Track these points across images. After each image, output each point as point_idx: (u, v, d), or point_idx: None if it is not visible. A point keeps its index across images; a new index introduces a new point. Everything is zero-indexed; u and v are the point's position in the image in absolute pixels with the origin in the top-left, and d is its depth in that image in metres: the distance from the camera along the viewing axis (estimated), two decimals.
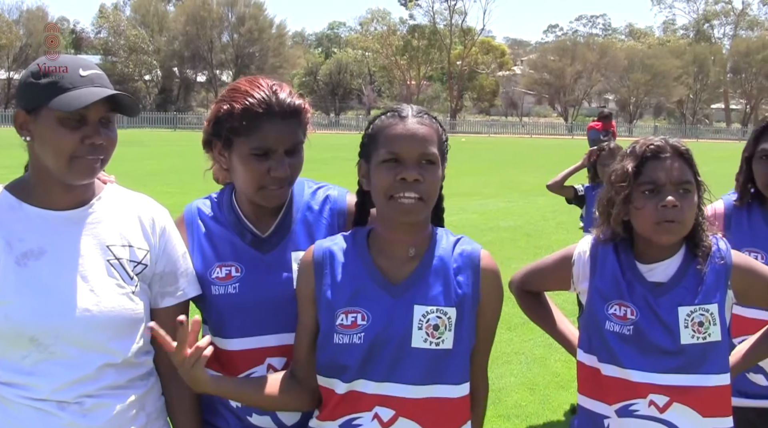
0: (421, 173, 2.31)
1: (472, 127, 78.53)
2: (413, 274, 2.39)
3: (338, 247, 2.46)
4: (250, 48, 78.73)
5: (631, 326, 2.63)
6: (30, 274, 2.29)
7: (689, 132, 75.36)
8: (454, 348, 2.35)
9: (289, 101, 2.51)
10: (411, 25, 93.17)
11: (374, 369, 2.32)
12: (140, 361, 2.45)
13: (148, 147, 37.99)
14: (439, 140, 2.40)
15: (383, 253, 2.43)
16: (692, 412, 2.60)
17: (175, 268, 2.53)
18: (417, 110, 2.41)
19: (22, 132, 2.34)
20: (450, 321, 2.35)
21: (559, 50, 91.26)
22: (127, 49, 76.09)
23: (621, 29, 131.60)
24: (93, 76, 2.32)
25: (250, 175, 2.51)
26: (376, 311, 2.35)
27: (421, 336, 2.32)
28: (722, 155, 43.09)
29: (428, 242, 2.44)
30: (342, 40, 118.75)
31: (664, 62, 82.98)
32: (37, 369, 2.28)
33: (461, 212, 17.92)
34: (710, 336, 2.60)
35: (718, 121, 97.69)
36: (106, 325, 2.33)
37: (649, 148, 2.65)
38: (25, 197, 2.38)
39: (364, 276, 2.40)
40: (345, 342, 2.34)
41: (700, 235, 2.68)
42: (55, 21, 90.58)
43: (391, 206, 2.33)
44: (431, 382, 2.33)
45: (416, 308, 2.34)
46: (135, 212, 2.50)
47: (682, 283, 2.65)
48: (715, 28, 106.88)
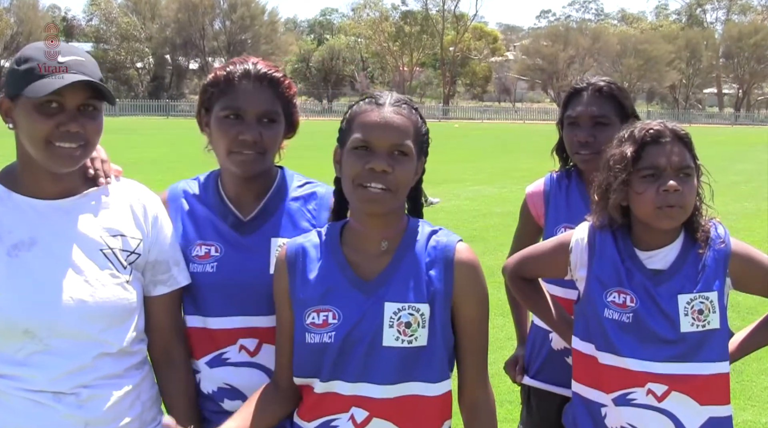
0: (391, 163, 2.24)
1: (465, 113, 78.50)
2: (385, 270, 2.32)
3: (311, 243, 2.41)
4: (242, 35, 78.50)
5: (630, 313, 2.61)
6: (21, 266, 2.27)
7: (682, 117, 75.28)
8: (429, 346, 2.28)
9: (266, 71, 2.59)
10: (403, 11, 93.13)
11: (347, 369, 2.26)
12: (135, 350, 2.44)
13: (140, 135, 37.87)
14: (416, 131, 2.33)
15: (356, 247, 2.37)
16: (690, 400, 2.59)
17: (167, 256, 2.52)
18: (396, 99, 2.34)
19: (6, 119, 2.33)
20: (423, 317, 2.27)
21: (551, 36, 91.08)
22: (118, 37, 75.87)
23: (613, 14, 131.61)
24: (71, 62, 2.27)
25: (222, 138, 2.56)
26: (347, 310, 2.29)
27: (393, 334, 2.26)
28: (715, 139, 43.17)
29: (402, 235, 2.37)
30: (334, 27, 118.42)
31: (656, 47, 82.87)
32: (31, 361, 2.26)
33: (455, 198, 17.91)
34: (709, 324, 2.59)
35: (710, 106, 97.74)
36: (100, 316, 2.32)
37: (648, 132, 2.61)
38: (14, 186, 2.35)
39: (336, 273, 2.34)
40: (316, 342, 2.29)
41: (698, 220, 2.66)
42: (46, 9, 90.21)
43: (357, 195, 2.27)
44: (405, 380, 2.26)
45: (387, 305, 2.27)
46: (127, 201, 2.48)
47: (682, 271, 2.63)
48: (707, 13, 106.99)
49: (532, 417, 3.48)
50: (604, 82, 3.30)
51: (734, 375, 6.75)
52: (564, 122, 3.30)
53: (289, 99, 2.65)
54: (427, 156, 2.42)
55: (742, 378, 6.79)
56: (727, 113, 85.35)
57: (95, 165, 2.48)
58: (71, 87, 2.22)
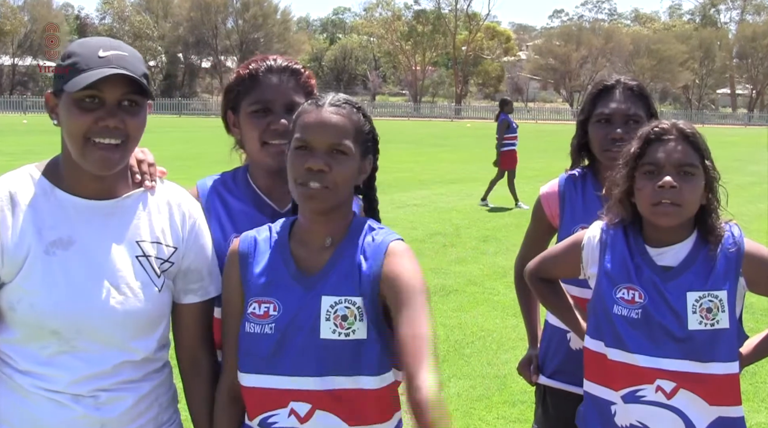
0: (329, 162, 2.27)
1: (477, 112, 78.37)
2: (326, 265, 2.34)
3: (262, 237, 2.44)
4: (255, 34, 78.77)
5: (639, 309, 2.61)
6: (57, 264, 2.24)
7: (695, 117, 75.05)
8: (369, 338, 2.27)
9: (286, 63, 2.70)
10: (416, 10, 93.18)
11: (284, 362, 2.27)
12: (157, 356, 2.43)
13: (153, 133, 37.81)
14: (357, 131, 2.34)
15: (302, 242, 2.39)
16: (699, 400, 2.59)
17: (201, 266, 2.49)
18: (337, 99, 2.36)
19: (52, 115, 2.31)
20: (360, 310, 2.27)
21: (564, 35, 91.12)
22: (131, 35, 76.08)
23: (627, 14, 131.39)
24: (112, 56, 2.23)
25: (253, 132, 2.64)
26: (287, 303, 2.31)
27: (330, 326, 2.27)
28: (728, 140, 43.01)
29: (346, 231, 2.39)
30: (347, 26, 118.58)
31: (669, 47, 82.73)
32: (55, 361, 2.25)
33: (467, 197, 17.90)
34: (718, 323, 2.58)
35: (723, 106, 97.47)
36: (129, 324, 2.30)
37: (653, 130, 2.64)
38: (58, 182, 2.32)
39: (280, 266, 2.37)
40: (257, 332, 2.31)
41: (713, 221, 2.64)
42: (60, 7, 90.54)
43: (298, 193, 2.30)
44: (345, 373, 2.26)
45: (324, 299, 2.29)
46: (167, 206, 2.45)
47: (692, 268, 2.62)
48: (721, 13, 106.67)
49: (548, 417, 3.46)
50: (634, 80, 3.31)
51: (747, 377, 6.74)
52: (593, 119, 3.28)
53: (310, 90, 2.72)
54: (377, 154, 2.45)
55: (756, 380, 6.76)
56: (741, 113, 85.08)
57: (142, 168, 2.45)
58: (111, 82, 2.19)
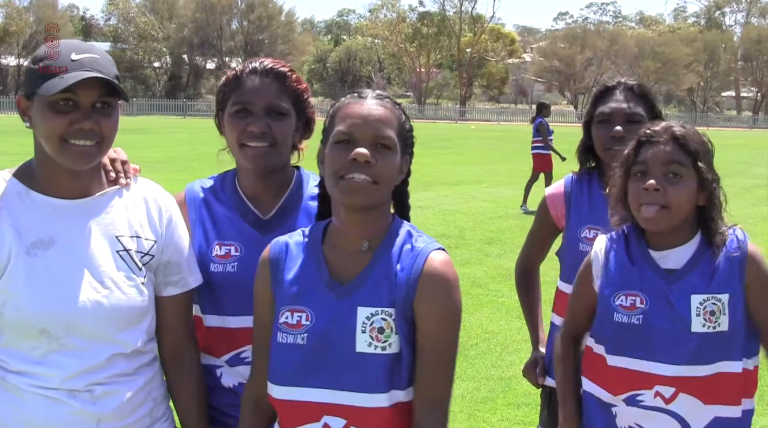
0: (374, 155, 2.16)
1: (482, 114, 78.40)
2: (363, 272, 2.24)
3: (294, 242, 2.35)
4: (260, 35, 78.75)
5: (640, 315, 2.61)
6: (40, 265, 2.27)
7: (700, 120, 75.00)
8: (404, 352, 2.19)
9: (272, 65, 2.65)
10: (421, 12, 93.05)
11: (319, 374, 2.19)
12: (147, 349, 2.45)
13: (157, 134, 38.01)
14: (400, 126, 2.26)
15: (336, 247, 2.29)
16: (696, 401, 2.60)
17: (180, 258, 2.52)
18: (379, 93, 2.30)
19: (24, 118, 2.34)
20: (395, 322, 2.19)
21: (569, 38, 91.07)
22: (136, 36, 76.27)
23: (631, 17, 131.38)
24: (84, 59, 2.26)
25: (232, 133, 2.61)
26: (320, 312, 2.22)
27: (365, 339, 2.17)
28: (733, 143, 42.95)
29: (384, 235, 2.28)
30: (351, 28, 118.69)
31: (674, 50, 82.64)
32: (47, 360, 2.27)
33: (471, 200, 17.90)
34: (719, 326, 2.58)
35: (728, 109, 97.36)
36: (116, 317, 2.33)
37: (645, 132, 2.64)
38: (32, 184, 2.35)
39: (313, 273, 2.27)
40: (289, 342, 2.23)
41: (715, 224, 2.63)
42: (65, 8, 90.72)
43: (339, 187, 2.18)
44: (382, 390, 2.16)
45: (360, 310, 2.19)
46: (143, 201, 2.49)
47: (696, 271, 2.61)
48: (726, 16, 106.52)
49: (554, 419, 3.46)
50: (635, 81, 3.34)
51: None
52: (595, 120, 3.30)
53: (298, 94, 2.67)
54: (412, 156, 2.36)
55: (761, 383, 6.74)
56: (745, 116, 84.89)
57: (116, 167, 2.49)
58: (85, 84, 2.22)
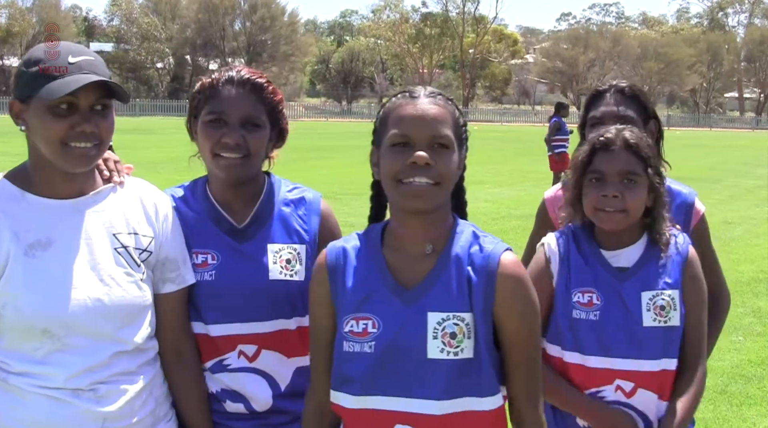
0: (433, 157, 2.11)
1: (485, 115, 78.39)
2: (429, 275, 2.18)
3: (351, 247, 2.29)
4: (262, 36, 78.72)
5: (597, 311, 2.70)
6: (39, 265, 2.28)
7: (702, 121, 75.02)
8: (476, 357, 2.14)
9: (249, 76, 2.62)
10: (423, 13, 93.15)
11: (390, 382, 2.14)
12: (148, 347, 2.46)
13: (159, 135, 38.00)
14: (455, 123, 2.20)
15: (398, 250, 2.23)
16: (653, 395, 2.69)
17: (177, 254, 2.54)
18: (431, 91, 2.22)
19: (17, 121, 2.34)
20: (468, 327, 2.13)
21: (572, 38, 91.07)
22: (139, 37, 76.24)
23: (634, 17, 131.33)
24: (82, 62, 2.28)
25: (206, 143, 2.59)
26: (387, 319, 2.16)
27: (437, 345, 2.12)
28: (736, 143, 42.97)
29: (447, 237, 2.22)
30: (354, 28, 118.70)
31: (677, 51, 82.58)
32: (50, 360, 2.27)
33: (474, 201, 17.79)
34: (670, 320, 2.68)
35: (731, 110, 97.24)
36: (116, 315, 2.34)
37: (599, 139, 2.74)
38: (27, 187, 2.36)
39: (376, 279, 2.21)
40: (355, 351, 2.17)
41: (660, 225, 2.75)
42: (68, 9, 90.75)
43: (399, 192, 2.13)
44: (456, 395, 2.12)
45: (430, 315, 2.14)
46: (138, 199, 2.50)
47: (645, 268, 2.73)
48: (729, 17, 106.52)
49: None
50: (626, 83, 3.37)
51: (755, 382, 6.75)
52: (587, 124, 3.32)
53: (274, 105, 2.66)
54: (467, 150, 2.29)
55: (763, 384, 6.80)
56: (748, 117, 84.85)
57: (109, 166, 2.51)
58: (84, 87, 2.23)
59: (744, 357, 7.51)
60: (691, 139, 48.44)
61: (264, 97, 2.62)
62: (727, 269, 12.36)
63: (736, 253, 12.28)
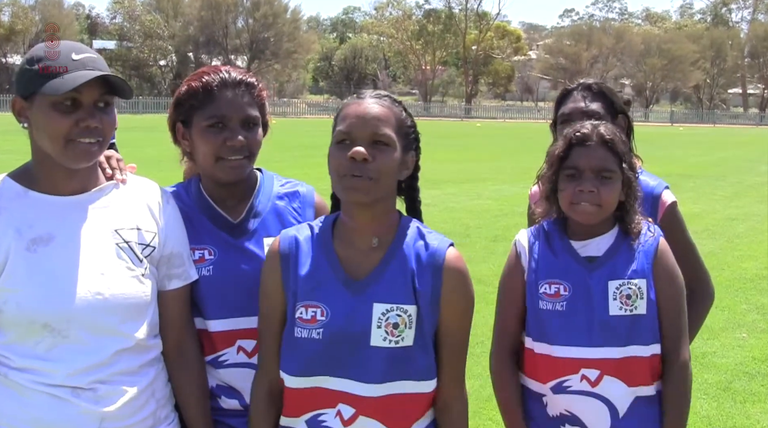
0: (372, 152, 2.24)
1: (487, 112, 78.40)
2: (376, 269, 2.33)
3: (303, 236, 2.42)
4: (265, 33, 78.76)
5: (564, 302, 2.74)
6: (40, 261, 2.29)
7: (706, 117, 74.92)
8: (415, 345, 2.29)
9: (242, 77, 2.65)
10: (426, 9, 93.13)
11: (335, 365, 2.28)
12: (150, 344, 2.46)
13: (162, 132, 37.68)
14: (399, 123, 2.33)
15: (346, 242, 2.37)
16: (621, 383, 2.73)
17: (182, 249, 2.55)
18: (377, 93, 2.38)
19: (20, 118, 2.35)
20: (410, 318, 2.29)
21: (575, 35, 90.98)
22: (142, 35, 76.31)
23: (637, 13, 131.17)
24: (85, 59, 2.31)
25: (208, 147, 2.59)
26: (335, 308, 2.30)
27: (380, 334, 2.27)
28: (740, 140, 42.90)
29: (394, 232, 2.37)
30: (357, 25, 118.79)
31: (680, 47, 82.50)
32: (51, 355, 2.28)
33: (477, 198, 17.88)
34: (636, 309, 2.72)
35: (735, 106, 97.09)
36: (116, 309, 2.34)
37: (575, 135, 2.78)
38: (30, 184, 2.37)
39: (326, 269, 2.35)
40: (304, 337, 2.31)
41: (631, 217, 2.80)
42: (71, 7, 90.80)
43: (341, 185, 2.27)
44: (392, 379, 2.28)
45: (375, 306, 2.28)
46: (141, 194, 2.51)
47: (614, 258, 2.77)
48: (732, 12, 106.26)
49: None
50: (593, 80, 3.46)
51: (759, 379, 6.75)
52: (558, 121, 3.42)
53: (263, 102, 2.71)
54: (418, 152, 2.43)
55: (764, 382, 6.78)
56: (752, 113, 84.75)
57: (111, 163, 2.53)
58: (87, 84, 2.25)
59: (748, 353, 7.51)
60: (695, 135, 48.44)
61: (257, 96, 2.67)
62: (730, 265, 12.36)
63: (740, 250, 12.22)
